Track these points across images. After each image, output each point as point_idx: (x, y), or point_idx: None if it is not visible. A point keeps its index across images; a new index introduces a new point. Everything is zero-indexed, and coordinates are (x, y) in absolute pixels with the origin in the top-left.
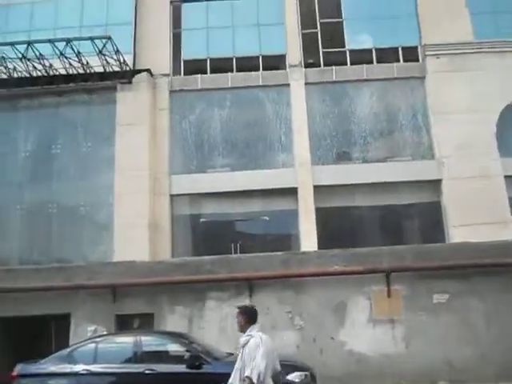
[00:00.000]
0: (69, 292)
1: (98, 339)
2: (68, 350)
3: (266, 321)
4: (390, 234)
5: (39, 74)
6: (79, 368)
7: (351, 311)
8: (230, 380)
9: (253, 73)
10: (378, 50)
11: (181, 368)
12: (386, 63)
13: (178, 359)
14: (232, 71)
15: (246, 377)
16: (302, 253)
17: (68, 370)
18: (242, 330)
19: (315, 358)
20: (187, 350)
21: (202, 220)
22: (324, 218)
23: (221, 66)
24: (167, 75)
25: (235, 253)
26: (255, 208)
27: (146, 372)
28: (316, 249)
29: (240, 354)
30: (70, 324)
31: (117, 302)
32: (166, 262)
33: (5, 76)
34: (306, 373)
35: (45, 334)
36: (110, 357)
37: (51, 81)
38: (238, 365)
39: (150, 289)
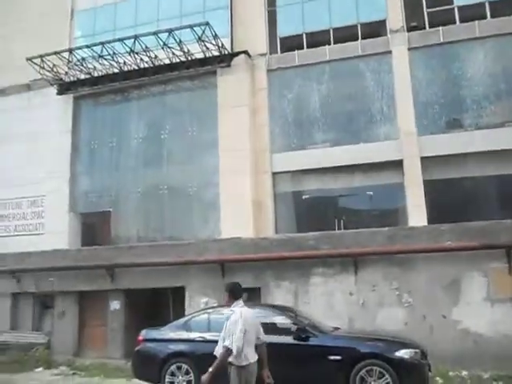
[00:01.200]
0: (182, 267)
1: (210, 310)
2: (184, 319)
3: (372, 297)
4: (507, 206)
5: (146, 65)
6: (195, 335)
7: (465, 289)
8: (216, 348)
9: (351, 43)
10: (492, 3)
11: (288, 339)
12: (502, 17)
13: (284, 331)
14: (329, 44)
15: (225, 347)
16: (410, 228)
17: (185, 337)
18: (228, 304)
19: (425, 337)
20: (294, 323)
21: (304, 197)
22: (433, 191)
23: (317, 39)
24: (264, 55)
25: (339, 229)
26: (358, 183)
27: None
28: (425, 224)
29: (224, 326)
30: (185, 296)
31: (225, 276)
32: (270, 238)
33: (116, 70)
34: (417, 350)
35: (165, 304)
36: (221, 326)
37: (157, 71)
38: (222, 334)
39: (256, 264)
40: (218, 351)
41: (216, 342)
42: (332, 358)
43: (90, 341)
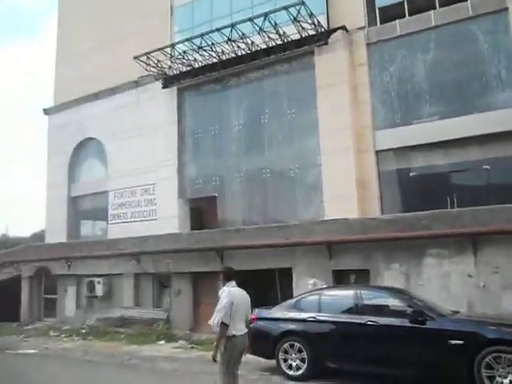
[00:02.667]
0: (289, 249)
1: (320, 291)
2: (294, 299)
3: (494, 280)
4: None
5: (243, 52)
6: (306, 315)
7: None
8: (210, 320)
9: (460, 4)
10: None
11: (404, 322)
12: None
13: (399, 314)
14: (434, 8)
15: (219, 321)
16: None
17: (296, 316)
18: (224, 284)
19: None
20: (409, 306)
21: (411, 174)
22: None
23: (420, 4)
24: (363, 28)
25: (451, 207)
26: (472, 157)
27: (369, 323)
28: None
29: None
30: (292, 277)
31: (332, 258)
32: (378, 218)
33: (215, 60)
34: None
35: (271, 284)
36: (332, 307)
37: (254, 57)
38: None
39: (365, 245)
40: (213, 322)
41: (328, 322)
42: (453, 342)
43: (204, 318)
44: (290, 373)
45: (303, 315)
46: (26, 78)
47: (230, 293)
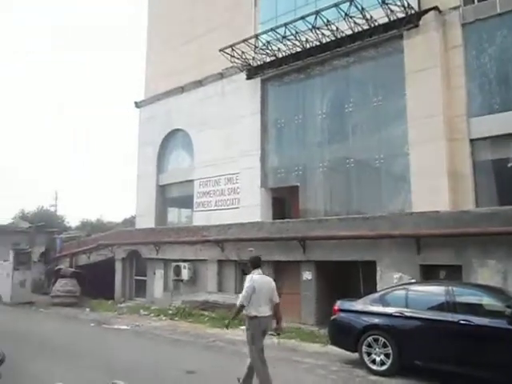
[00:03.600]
0: (373, 241)
1: (407, 286)
2: (379, 293)
3: None
4: None
5: (327, 39)
6: (392, 310)
7: None
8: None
9: None
10: None
11: (501, 323)
12: None
13: (496, 314)
14: None
15: (239, 303)
16: None
17: (381, 311)
18: (250, 272)
19: None
20: (508, 306)
21: (509, 165)
22: None
23: None
24: (457, 8)
25: None
26: None
27: (461, 322)
28: None
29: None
30: (376, 270)
31: (421, 252)
32: (472, 211)
33: (299, 49)
34: None
35: (354, 277)
36: (420, 303)
37: (339, 44)
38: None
39: (456, 240)
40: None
41: (416, 318)
42: None
43: (285, 306)
44: (374, 367)
45: (389, 310)
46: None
47: (253, 279)
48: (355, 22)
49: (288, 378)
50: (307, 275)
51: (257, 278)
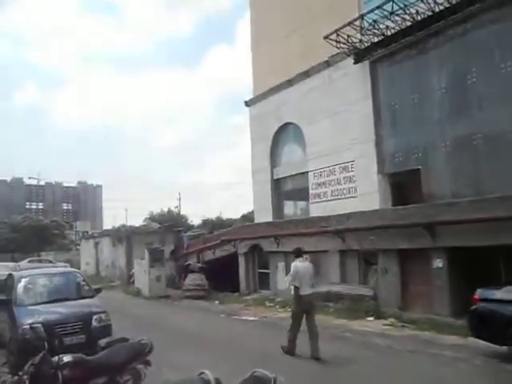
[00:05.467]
0: None
1: None
2: None
3: None
4: None
5: (441, 7)
6: None
7: None
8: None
9: None
10: None
11: None
12: None
13: None
14: None
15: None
16: None
17: None
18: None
19: None
20: None
21: None
22: None
23: None
24: None
25: None
26: None
27: None
28: None
29: None
30: None
31: None
32: None
33: (409, 23)
34: None
35: (491, 263)
36: None
37: (455, 10)
38: None
39: None
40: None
41: None
42: None
43: (414, 297)
44: None
45: None
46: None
47: (295, 265)
48: None
49: (425, 371)
50: (438, 263)
51: (298, 265)
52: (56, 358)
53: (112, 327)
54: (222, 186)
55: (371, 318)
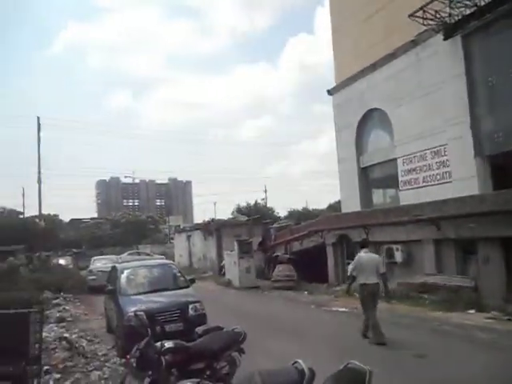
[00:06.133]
0: None
1: None
2: None
3: None
4: None
5: None
6: None
7: None
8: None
9: None
10: None
11: None
12: None
13: None
14: None
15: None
16: None
17: None
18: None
19: None
20: None
21: None
22: None
23: None
24: None
25: None
26: None
27: None
28: None
29: None
30: None
31: None
32: None
33: None
34: None
35: None
36: None
37: None
38: None
39: None
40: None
41: None
42: None
43: None
44: None
45: None
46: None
47: (359, 256)
48: None
49: None
50: None
51: (362, 256)
52: (159, 344)
53: (206, 316)
54: (308, 177)
55: (472, 311)
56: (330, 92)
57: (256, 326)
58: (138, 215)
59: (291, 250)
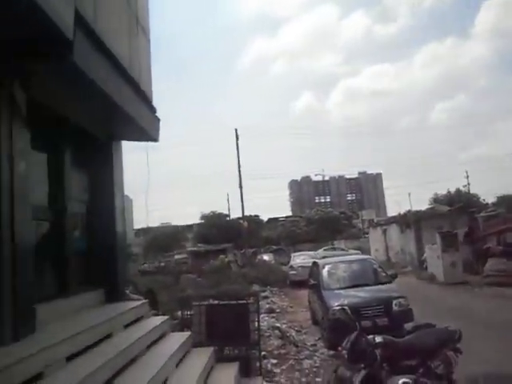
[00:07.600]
0: None
1: None
2: None
3: None
4: None
5: None
6: None
7: None
8: None
9: None
10: None
11: None
12: None
13: None
14: None
15: None
16: None
17: None
18: None
19: None
20: None
21: None
22: None
23: None
24: None
25: None
26: None
27: None
28: None
29: None
30: None
31: None
32: None
33: None
34: None
35: None
36: None
37: None
38: None
39: None
40: None
41: None
42: None
43: None
44: None
45: None
46: None
47: None
48: None
49: None
50: None
51: None
52: (371, 338)
53: (412, 312)
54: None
55: None
56: None
57: (466, 326)
58: (330, 211)
59: (505, 241)
